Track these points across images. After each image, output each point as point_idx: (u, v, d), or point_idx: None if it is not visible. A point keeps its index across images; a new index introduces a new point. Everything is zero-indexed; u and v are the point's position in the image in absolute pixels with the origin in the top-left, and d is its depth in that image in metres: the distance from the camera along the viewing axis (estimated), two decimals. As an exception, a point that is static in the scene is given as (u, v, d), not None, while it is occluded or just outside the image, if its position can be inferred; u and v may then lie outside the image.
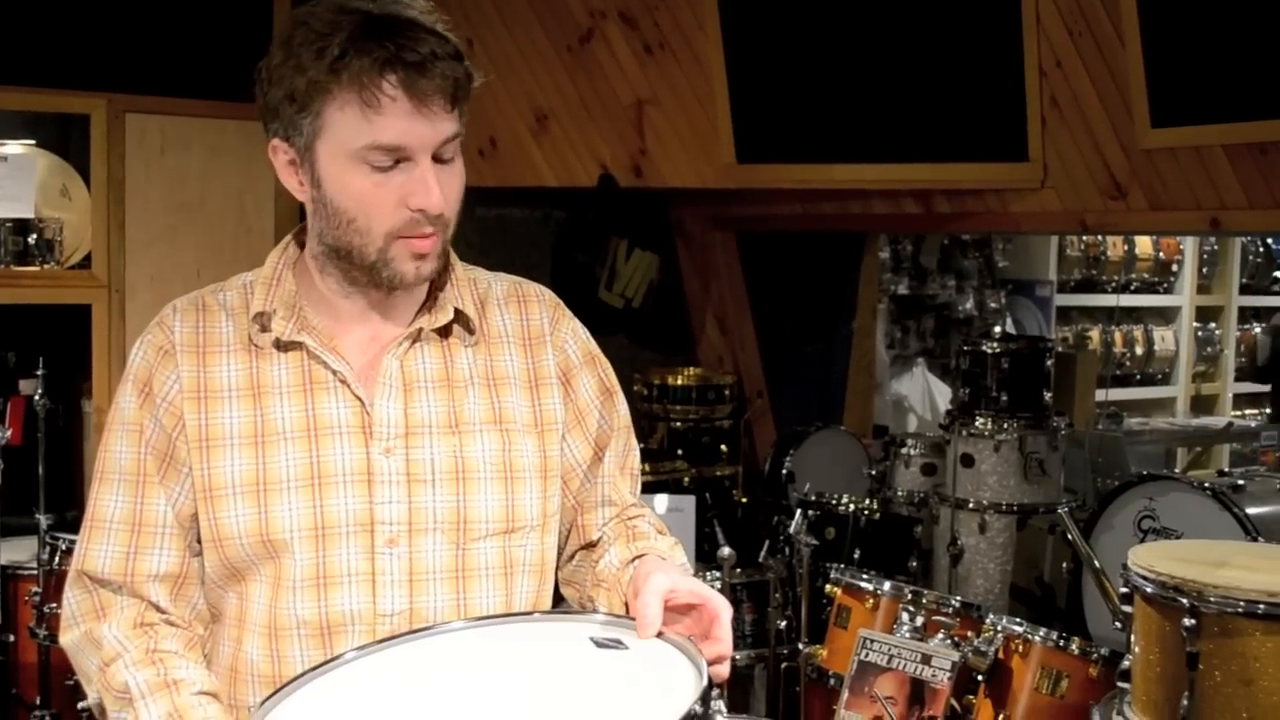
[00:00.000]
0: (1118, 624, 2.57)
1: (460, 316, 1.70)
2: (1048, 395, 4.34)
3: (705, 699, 1.24)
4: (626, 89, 4.85)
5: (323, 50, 1.51)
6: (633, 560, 1.68)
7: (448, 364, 1.69)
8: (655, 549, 1.70)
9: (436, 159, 1.57)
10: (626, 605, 1.59)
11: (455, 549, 1.64)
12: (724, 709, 1.30)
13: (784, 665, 3.78)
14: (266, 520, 1.60)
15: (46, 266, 4.30)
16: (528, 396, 1.73)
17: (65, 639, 1.66)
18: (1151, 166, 3.92)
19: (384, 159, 1.54)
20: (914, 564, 4.22)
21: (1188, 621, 2.24)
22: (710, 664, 1.35)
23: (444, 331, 1.70)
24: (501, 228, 5.46)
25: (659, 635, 1.43)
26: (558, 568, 1.82)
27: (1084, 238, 7.05)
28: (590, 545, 1.79)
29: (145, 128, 4.42)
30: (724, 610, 1.50)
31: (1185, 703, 2.26)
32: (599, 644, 1.43)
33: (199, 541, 1.65)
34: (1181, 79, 3.66)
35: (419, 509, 1.62)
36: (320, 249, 1.65)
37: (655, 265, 5.74)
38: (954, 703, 3.03)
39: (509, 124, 5.04)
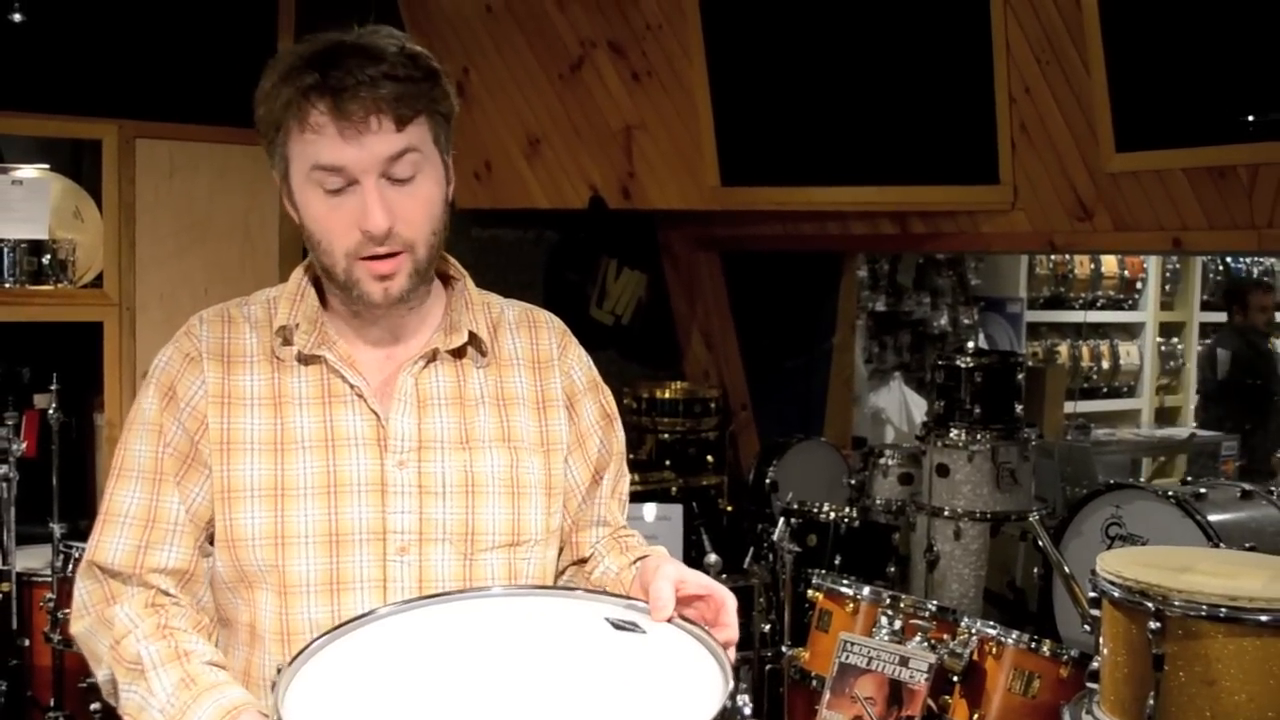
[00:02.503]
0: (1086, 627, 2.60)
1: (474, 339, 1.74)
2: (1019, 408, 4.39)
3: (734, 695, 1.28)
4: (616, 115, 4.91)
5: (277, 83, 1.58)
6: (634, 563, 1.73)
7: (460, 383, 1.73)
8: (656, 551, 1.74)
9: (390, 178, 1.58)
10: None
11: (463, 559, 1.67)
12: (749, 701, 1.32)
13: (768, 667, 3.84)
14: (282, 524, 1.63)
15: (60, 285, 4.39)
16: (535, 417, 1.77)
17: (77, 627, 1.68)
18: (1116, 189, 3.97)
19: (333, 181, 1.58)
20: (892, 569, 4.27)
21: (1153, 625, 2.27)
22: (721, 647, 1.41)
23: (458, 352, 1.74)
24: (495, 248, 5.51)
25: (674, 621, 1.47)
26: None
27: (1052, 257, 7.11)
28: (582, 561, 1.84)
29: (155, 152, 4.54)
30: (730, 599, 1.55)
31: (1151, 702, 2.29)
32: (616, 625, 1.46)
33: (210, 543, 1.67)
34: (1144, 105, 3.71)
35: (429, 520, 1.66)
36: (320, 270, 1.69)
37: (644, 284, 5.79)
38: (930, 703, 3.05)
39: (503, 148, 5.11)
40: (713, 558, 3.60)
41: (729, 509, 5.20)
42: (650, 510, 4.33)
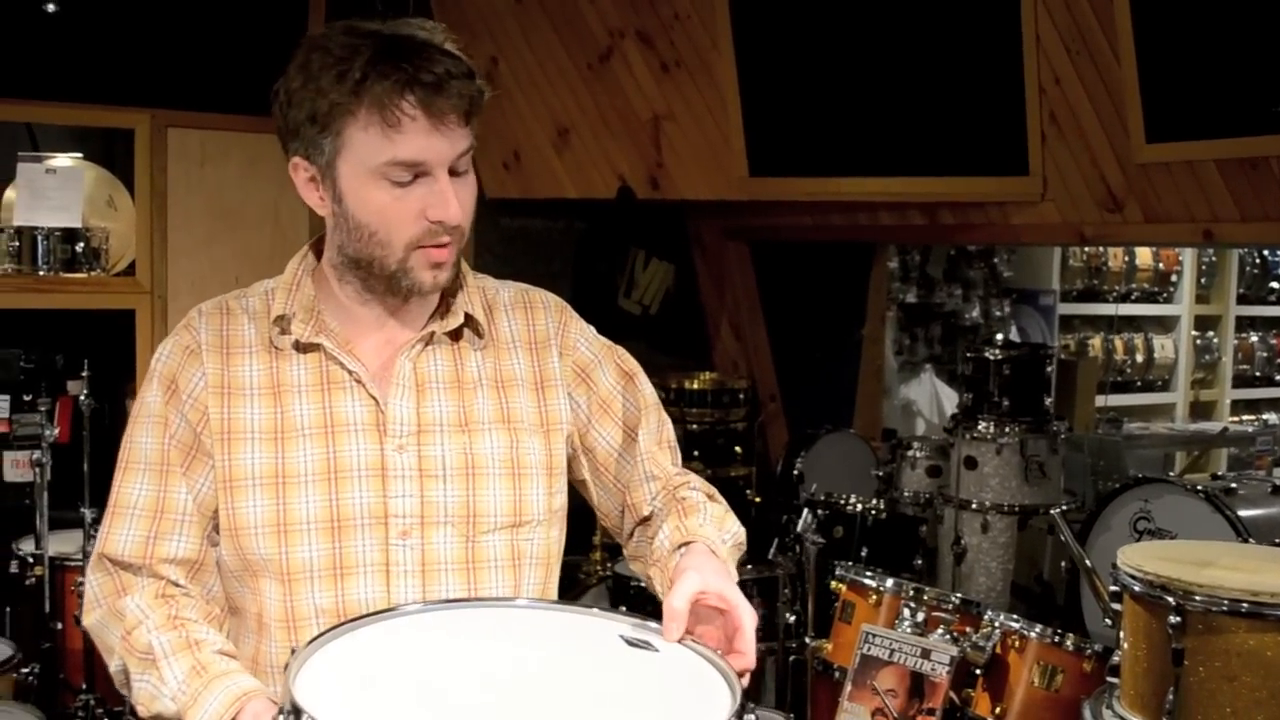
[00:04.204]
0: (1108, 621, 2.61)
1: (470, 321, 1.75)
2: (1048, 400, 4.39)
3: (741, 713, 1.29)
4: (644, 105, 4.91)
5: (343, 74, 1.56)
6: (680, 546, 1.68)
7: (458, 366, 1.74)
8: (702, 533, 1.69)
9: (452, 172, 1.62)
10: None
11: (465, 541, 1.68)
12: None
13: (792, 658, 3.85)
14: (284, 511, 1.64)
15: (93, 273, 4.43)
16: (534, 397, 1.77)
17: (89, 619, 1.69)
18: (1146, 180, 3.95)
19: (404, 174, 1.59)
20: (919, 562, 4.27)
21: (1173, 619, 2.27)
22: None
23: (455, 335, 1.75)
24: (524, 237, 5.53)
25: (685, 643, 1.47)
26: (623, 545, 1.87)
27: (1086, 249, 7.06)
28: (645, 520, 1.82)
29: (186, 141, 4.58)
30: (747, 621, 1.51)
31: (1171, 697, 2.29)
32: (629, 642, 1.48)
33: (217, 532, 1.68)
34: (1175, 96, 3.69)
35: (430, 503, 1.67)
36: (340, 259, 1.70)
37: (671, 274, 5.79)
38: (953, 695, 3.05)
39: (532, 138, 5.13)
40: (737, 548, 3.61)
41: (757, 500, 5.18)
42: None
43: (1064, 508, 4.17)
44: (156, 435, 1.68)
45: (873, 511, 4.36)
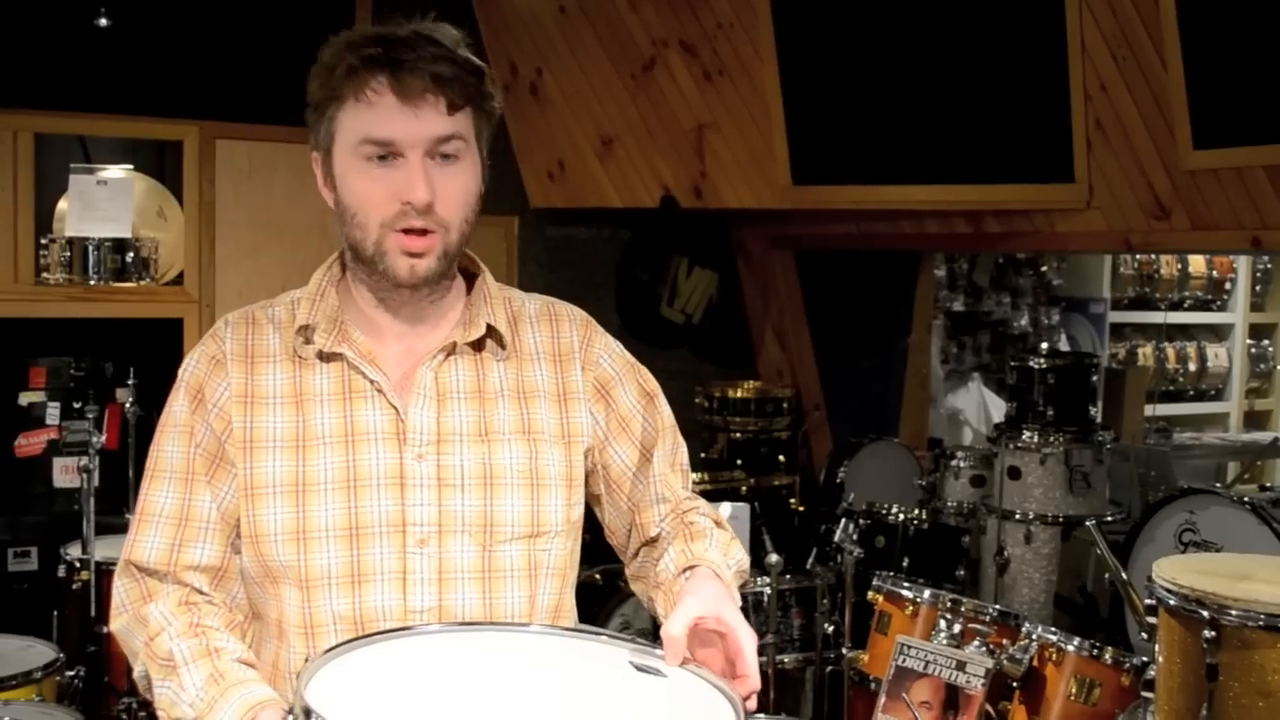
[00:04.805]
0: (1144, 635, 2.56)
1: (492, 332, 1.76)
2: (1093, 410, 4.33)
3: None
4: (687, 114, 4.92)
5: (335, 64, 1.63)
6: (685, 570, 1.70)
7: (480, 376, 1.75)
8: (708, 558, 1.70)
9: (435, 156, 1.63)
10: None
11: (482, 551, 1.69)
12: None
13: (829, 669, 3.84)
14: (304, 519, 1.65)
15: (142, 283, 4.52)
16: (556, 409, 1.78)
17: (116, 625, 1.71)
18: (1194, 187, 3.91)
19: (376, 152, 1.61)
20: (962, 573, 4.22)
21: (1208, 633, 2.22)
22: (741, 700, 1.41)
23: (477, 346, 1.75)
24: (569, 246, 5.56)
25: (688, 668, 1.48)
26: (625, 565, 1.89)
27: (1137, 256, 6.99)
28: (651, 542, 1.83)
29: (234, 152, 4.66)
30: (747, 644, 1.51)
31: (1205, 713, 2.24)
32: (638, 668, 1.49)
33: (240, 538, 1.70)
34: (1223, 102, 3.65)
35: (448, 512, 1.68)
36: (349, 255, 1.72)
37: (714, 282, 5.76)
38: (989, 709, 3.02)
39: (576, 148, 5.15)
40: (773, 558, 3.63)
41: (801, 509, 5.17)
42: (726, 509, 4.33)
43: (1109, 519, 4.16)
44: (182, 444, 1.71)
45: (914, 522, 4.33)
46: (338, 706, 1.31)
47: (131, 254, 4.50)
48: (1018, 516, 4.24)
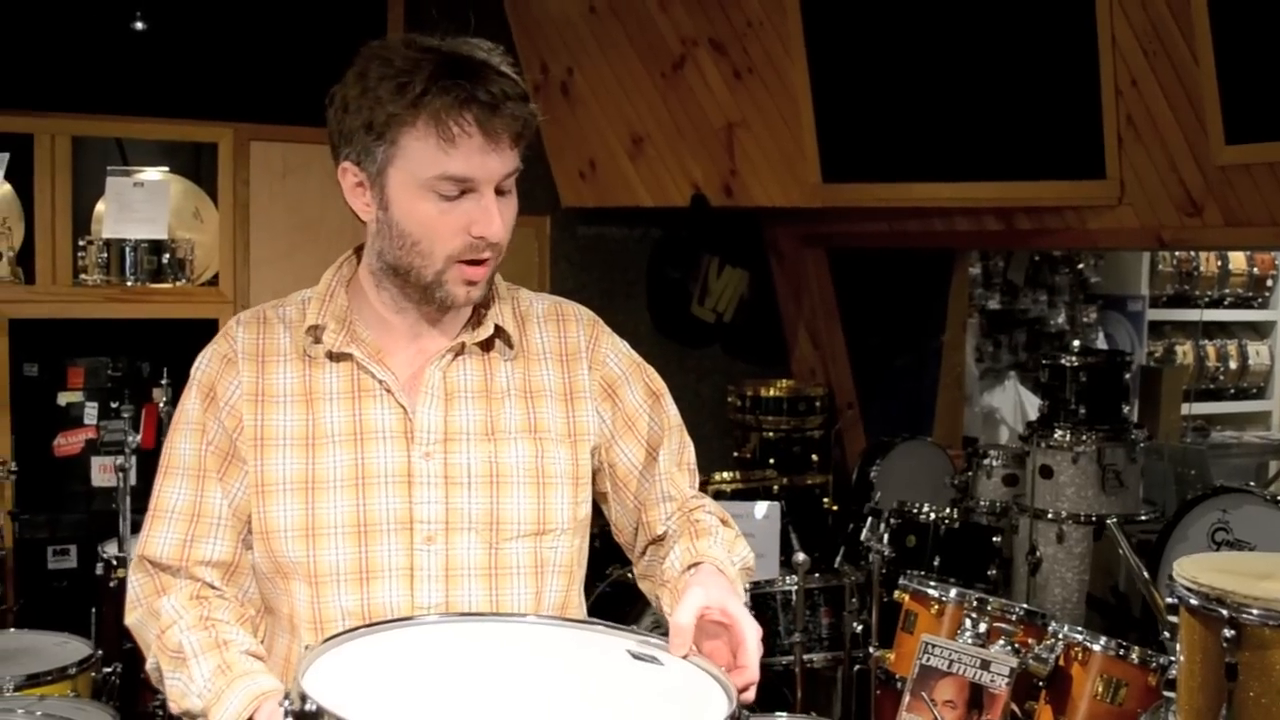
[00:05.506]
0: (1166, 634, 2.57)
1: (500, 332, 1.78)
2: (1126, 408, 4.30)
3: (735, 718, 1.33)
4: (717, 113, 4.93)
5: (404, 86, 1.60)
6: (690, 567, 1.72)
7: (488, 376, 1.77)
8: (712, 554, 1.73)
9: (497, 191, 1.67)
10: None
11: (489, 548, 1.72)
12: None
13: (856, 668, 3.83)
14: (313, 516, 1.68)
15: (178, 284, 4.57)
16: (563, 408, 1.80)
17: (130, 619, 1.75)
18: (1226, 183, 3.89)
19: (452, 189, 1.64)
20: (993, 572, 4.19)
21: (1228, 633, 2.19)
22: (738, 691, 1.44)
23: (486, 345, 1.78)
24: (600, 245, 5.57)
25: (690, 659, 1.51)
26: (633, 564, 1.91)
27: (1176, 253, 6.91)
28: (658, 540, 1.85)
29: (268, 154, 4.70)
30: (750, 636, 1.54)
31: (1224, 713, 2.23)
32: (636, 656, 1.52)
33: (251, 534, 1.73)
34: (1255, 96, 3.63)
35: (455, 509, 1.70)
36: (379, 266, 1.73)
37: (745, 281, 5.78)
38: (1014, 708, 3.00)
39: (607, 147, 5.17)
40: (801, 557, 3.60)
41: (834, 508, 5.16)
42: (760, 508, 4.33)
43: (1141, 518, 4.12)
44: (194, 442, 1.74)
45: (945, 521, 4.31)
46: (333, 692, 1.33)
47: (168, 255, 4.56)
48: (1050, 516, 4.23)
